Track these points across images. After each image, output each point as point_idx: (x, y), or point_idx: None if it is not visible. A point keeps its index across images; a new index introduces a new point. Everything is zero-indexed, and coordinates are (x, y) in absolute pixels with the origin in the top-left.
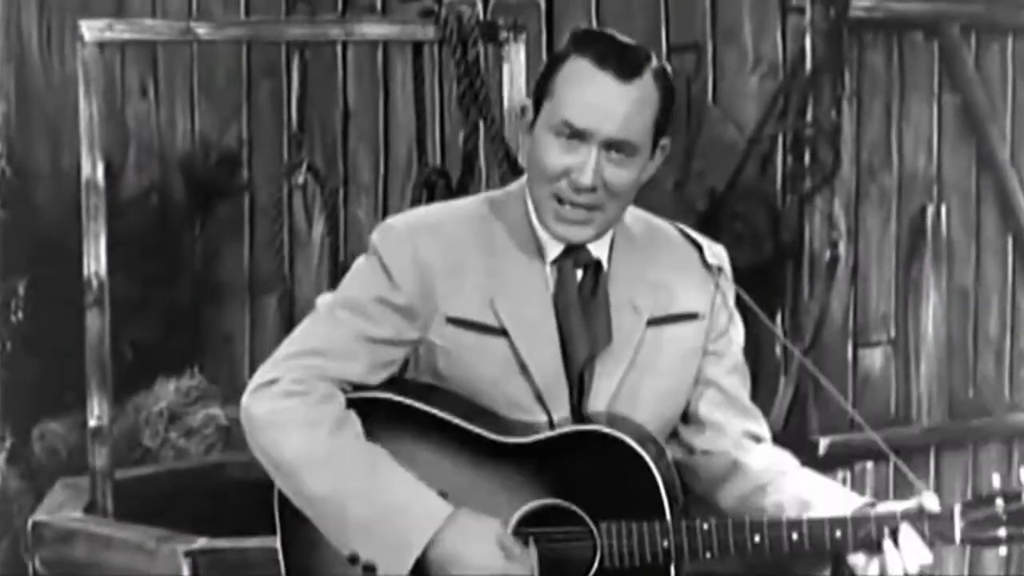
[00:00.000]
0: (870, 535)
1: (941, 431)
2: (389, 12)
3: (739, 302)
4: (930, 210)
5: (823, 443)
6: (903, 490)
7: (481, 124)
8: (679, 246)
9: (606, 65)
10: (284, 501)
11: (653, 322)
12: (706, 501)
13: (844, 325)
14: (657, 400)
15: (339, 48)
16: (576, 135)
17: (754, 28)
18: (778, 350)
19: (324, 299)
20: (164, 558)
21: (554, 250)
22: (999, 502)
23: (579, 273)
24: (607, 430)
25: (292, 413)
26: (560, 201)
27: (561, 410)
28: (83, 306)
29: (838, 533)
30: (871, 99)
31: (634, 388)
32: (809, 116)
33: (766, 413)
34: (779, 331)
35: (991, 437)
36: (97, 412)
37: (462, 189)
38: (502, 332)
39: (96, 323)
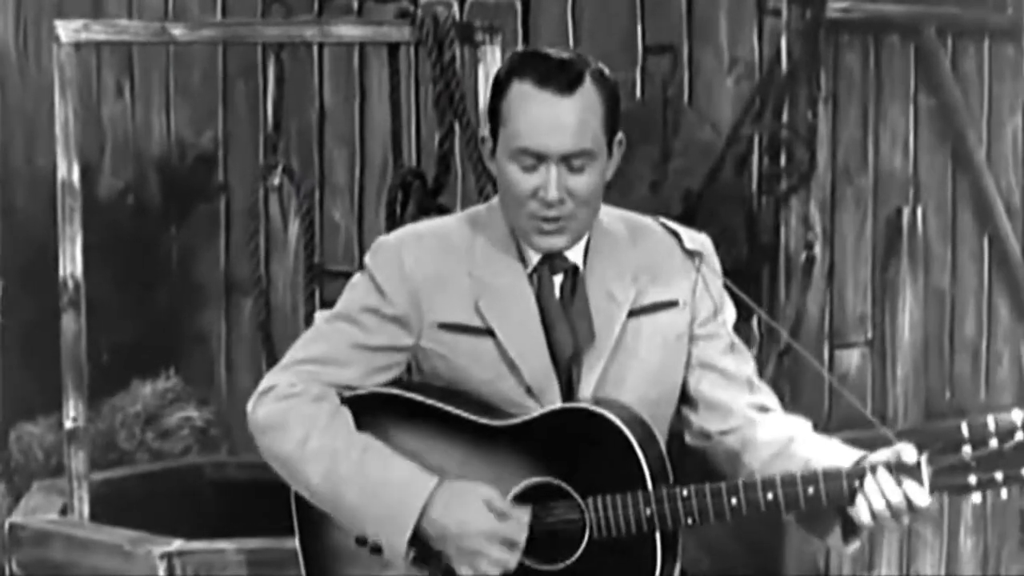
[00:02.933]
0: (841, 489)
1: (918, 432)
2: (365, 13)
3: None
4: (906, 212)
5: None
6: None
7: (457, 125)
8: (657, 237)
9: (546, 83)
10: (300, 499)
11: (634, 313)
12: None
13: (820, 326)
14: (642, 383)
15: (315, 49)
16: (534, 157)
17: (730, 29)
18: (754, 350)
19: (322, 314)
20: (140, 560)
21: (533, 258)
22: (967, 449)
23: (557, 279)
24: (588, 406)
25: (287, 413)
26: (535, 219)
27: (553, 404)
28: (59, 307)
29: (810, 490)
30: (847, 101)
31: (619, 374)
32: (785, 117)
33: None
34: (763, 314)
35: None
36: (73, 414)
37: (438, 190)
38: (488, 332)
39: (72, 325)
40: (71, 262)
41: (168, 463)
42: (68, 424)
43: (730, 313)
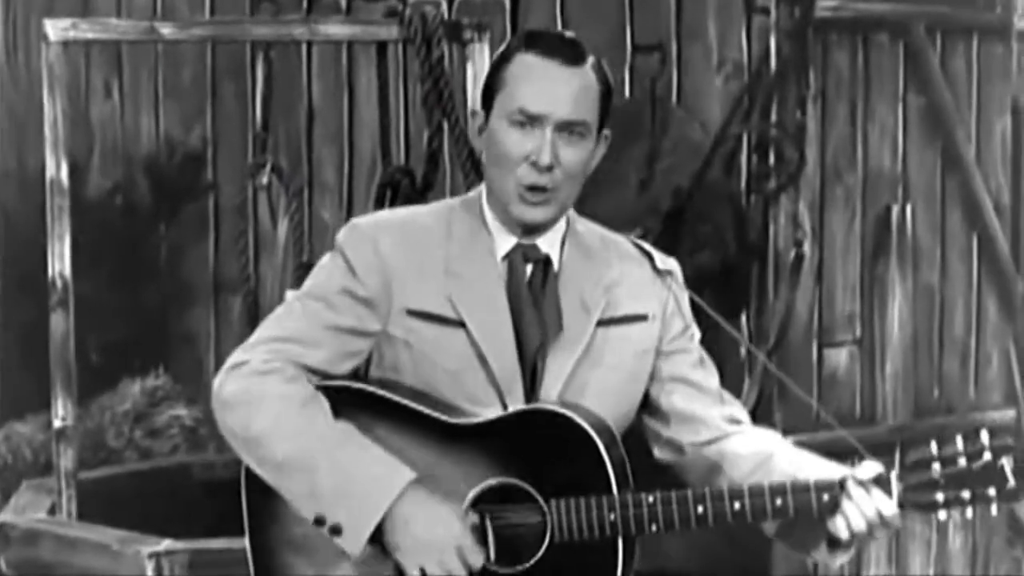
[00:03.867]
0: (809, 502)
1: (906, 430)
2: (353, 12)
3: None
4: (895, 210)
5: None
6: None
7: (445, 124)
8: (630, 253)
9: (552, 54)
10: (251, 493)
11: (603, 323)
12: None
13: (809, 325)
14: (606, 394)
15: (304, 48)
16: (531, 120)
17: (719, 28)
18: (742, 351)
19: (292, 293)
20: (128, 559)
21: (505, 247)
22: (936, 466)
23: (529, 268)
24: (557, 408)
25: (263, 390)
26: (521, 186)
27: (516, 402)
28: (48, 306)
29: (778, 501)
30: (836, 99)
31: (584, 381)
32: (774, 116)
33: None
34: (741, 336)
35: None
36: (62, 413)
37: (426, 188)
38: (460, 324)
39: (60, 324)
40: (60, 261)
41: (157, 462)
42: (57, 423)
43: (696, 332)
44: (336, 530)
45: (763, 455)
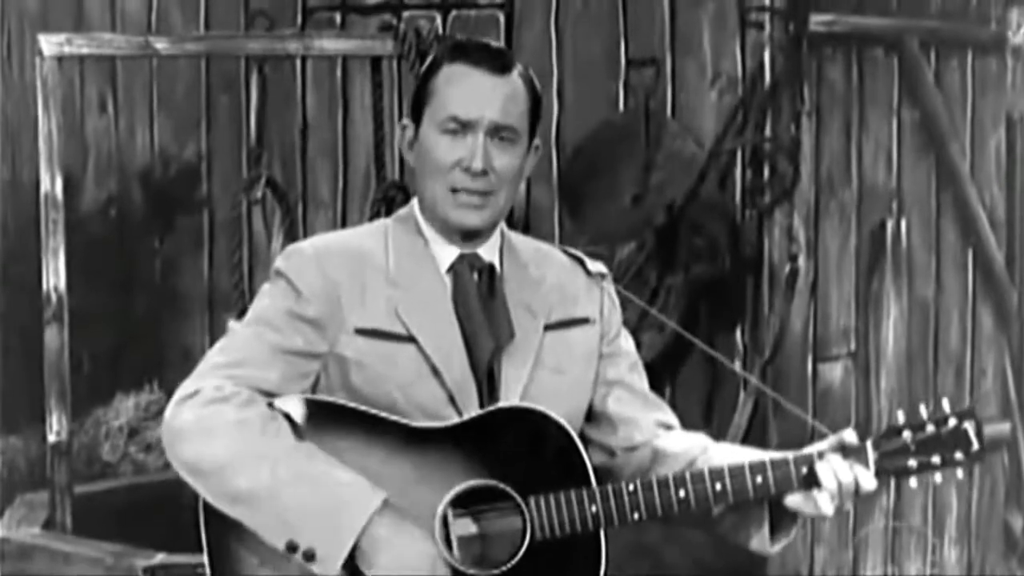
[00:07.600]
0: (789, 476)
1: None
2: (348, 27)
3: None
4: (890, 224)
5: None
6: (865, 502)
7: None
8: (562, 259)
9: (480, 64)
10: (210, 518)
11: (550, 327)
12: None
13: (804, 339)
14: (561, 399)
15: (298, 63)
16: (463, 127)
17: (713, 43)
18: (737, 365)
19: (234, 323)
20: (122, 573)
21: (448, 258)
22: (907, 433)
23: (474, 277)
24: (531, 406)
25: (219, 417)
26: (455, 191)
27: (472, 411)
28: (42, 320)
29: (759, 478)
30: (830, 114)
31: (541, 387)
32: (768, 130)
33: (725, 428)
34: (729, 356)
35: None
36: (56, 427)
37: None
38: (410, 339)
39: (55, 338)
40: (54, 275)
41: (151, 476)
42: (52, 437)
43: (629, 335)
44: (309, 555)
45: (698, 449)
